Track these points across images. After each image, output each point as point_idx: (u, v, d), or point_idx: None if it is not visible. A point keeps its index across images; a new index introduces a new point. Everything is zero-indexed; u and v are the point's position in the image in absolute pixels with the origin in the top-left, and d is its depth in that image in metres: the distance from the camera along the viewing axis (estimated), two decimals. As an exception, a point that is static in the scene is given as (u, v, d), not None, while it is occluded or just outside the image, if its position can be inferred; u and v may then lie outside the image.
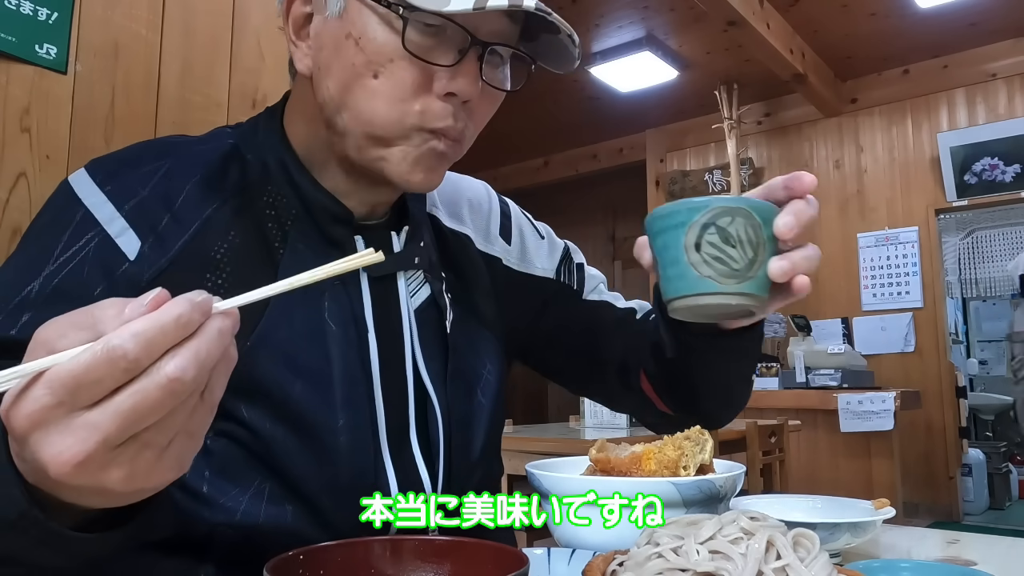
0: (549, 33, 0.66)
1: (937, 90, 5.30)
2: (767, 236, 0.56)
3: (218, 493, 0.61)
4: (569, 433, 2.79)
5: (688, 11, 4.51)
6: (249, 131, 0.73)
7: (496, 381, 0.79)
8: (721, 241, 0.55)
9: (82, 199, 0.63)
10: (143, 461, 0.37)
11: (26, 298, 0.58)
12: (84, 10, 1.07)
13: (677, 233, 0.56)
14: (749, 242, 0.55)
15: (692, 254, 0.55)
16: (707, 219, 0.55)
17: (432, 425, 0.71)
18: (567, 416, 3.32)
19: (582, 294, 0.90)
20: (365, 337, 0.68)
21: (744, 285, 0.55)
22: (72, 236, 0.62)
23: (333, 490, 0.63)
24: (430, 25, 0.61)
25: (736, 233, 0.55)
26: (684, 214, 0.55)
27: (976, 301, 7.37)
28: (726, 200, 0.55)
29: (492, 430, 0.77)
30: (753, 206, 0.55)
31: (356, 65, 0.62)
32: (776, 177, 0.61)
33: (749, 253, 0.55)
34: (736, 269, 0.55)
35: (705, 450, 0.68)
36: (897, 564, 0.63)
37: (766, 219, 0.56)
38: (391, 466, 0.67)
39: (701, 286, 0.55)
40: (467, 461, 0.73)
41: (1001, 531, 4.51)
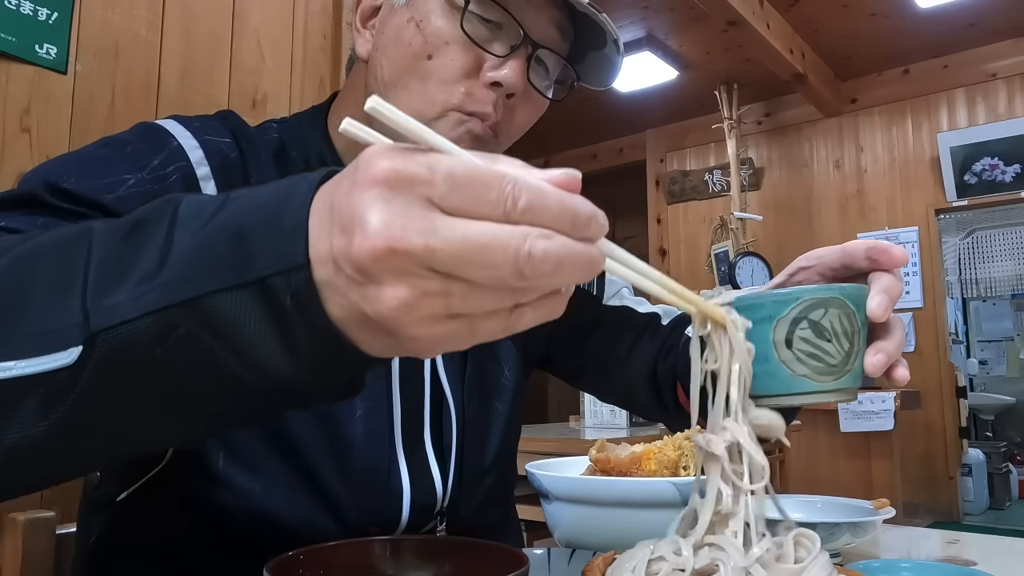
0: (594, 50, 0.71)
1: (937, 90, 5.29)
2: (861, 322, 0.52)
3: (233, 477, 0.62)
4: (569, 433, 2.79)
5: (688, 11, 4.51)
6: (295, 127, 0.75)
7: (513, 388, 0.79)
8: (815, 336, 0.51)
9: (174, 135, 0.65)
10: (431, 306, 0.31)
11: (121, 184, 0.58)
12: (84, 10, 1.07)
13: (763, 328, 0.51)
14: (845, 333, 0.51)
15: (783, 351, 0.51)
16: (797, 313, 0.50)
17: (447, 427, 0.71)
18: (567, 416, 3.32)
19: (602, 299, 0.90)
20: None
21: (842, 380, 0.52)
22: (165, 158, 0.63)
23: (346, 479, 0.64)
24: (487, 20, 0.65)
25: (831, 326, 0.51)
26: (770, 307, 0.51)
27: (976, 301, 7.37)
28: (817, 291, 0.51)
29: (507, 437, 0.77)
30: (846, 294, 0.52)
31: (413, 46, 0.66)
32: (856, 242, 0.58)
33: (845, 345, 0.52)
34: (833, 365, 0.51)
35: (705, 450, 0.68)
36: (897, 564, 0.63)
37: (859, 304, 0.52)
38: (404, 463, 0.67)
39: (797, 386, 0.52)
40: (479, 466, 0.73)
41: (1001, 531, 4.51)
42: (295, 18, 1.39)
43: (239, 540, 0.63)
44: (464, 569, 0.52)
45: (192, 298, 0.34)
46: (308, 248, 0.33)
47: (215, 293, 0.34)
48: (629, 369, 0.87)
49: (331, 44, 1.45)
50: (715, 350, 0.45)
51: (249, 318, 0.34)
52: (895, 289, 0.55)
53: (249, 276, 0.33)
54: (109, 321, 0.35)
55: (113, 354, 0.35)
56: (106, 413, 0.37)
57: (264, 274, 0.33)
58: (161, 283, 0.35)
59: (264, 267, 0.33)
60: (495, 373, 0.77)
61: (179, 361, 0.35)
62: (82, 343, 0.35)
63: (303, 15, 1.40)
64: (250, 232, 0.34)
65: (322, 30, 1.44)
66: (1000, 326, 7.27)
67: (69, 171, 0.57)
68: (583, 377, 0.92)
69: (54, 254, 0.38)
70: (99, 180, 0.57)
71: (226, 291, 0.34)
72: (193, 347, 0.34)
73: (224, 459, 0.62)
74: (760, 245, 5.48)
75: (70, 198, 0.54)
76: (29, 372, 0.35)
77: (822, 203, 5.69)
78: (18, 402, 0.36)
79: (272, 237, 0.34)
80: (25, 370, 0.35)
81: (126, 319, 0.35)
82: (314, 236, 0.33)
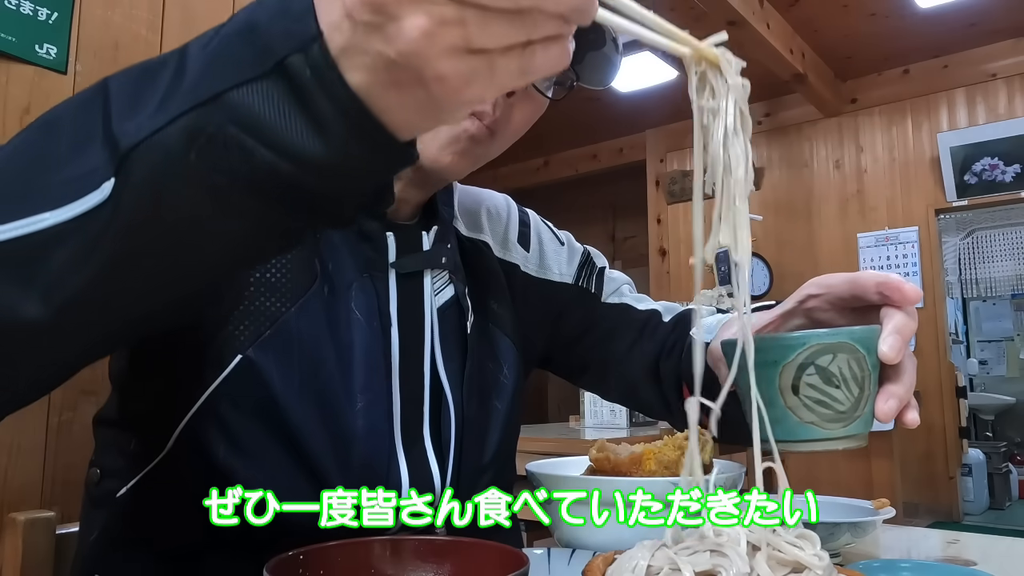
0: (593, 50, 0.69)
1: (937, 90, 5.29)
2: (872, 365, 0.50)
3: (235, 465, 0.62)
4: (569, 433, 2.79)
5: (688, 11, 4.51)
6: None
7: (512, 387, 0.79)
8: (823, 382, 0.49)
9: None
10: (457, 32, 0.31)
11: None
12: (84, 10, 1.07)
13: (770, 373, 0.49)
14: (854, 379, 0.49)
15: (790, 397, 0.49)
16: (804, 359, 0.49)
17: (445, 424, 0.71)
18: (567, 416, 3.32)
19: (601, 297, 0.90)
20: (388, 330, 0.69)
21: (852, 427, 0.50)
22: None
23: (346, 472, 0.64)
24: None
25: (839, 371, 0.49)
26: (777, 351, 0.49)
27: (976, 301, 7.37)
28: (825, 335, 0.49)
29: (506, 435, 0.77)
30: (856, 338, 0.49)
31: None
32: (867, 274, 0.56)
33: (855, 391, 0.49)
34: (842, 412, 0.49)
35: (705, 450, 0.68)
36: (897, 564, 0.63)
37: (870, 348, 0.50)
38: (403, 458, 0.68)
39: (803, 432, 0.50)
40: (477, 463, 0.73)
41: (1001, 531, 4.51)
42: (295, 18, 1.40)
43: (238, 533, 0.63)
44: (464, 569, 0.52)
45: (216, 94, 0.34)
46: (318, 22, 0.33)
47: (237, 87, 0.34)
48: (630, 367, 0.87)
49: (331, 44, 1.46)
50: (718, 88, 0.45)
51: (275, 104, 0.34)
52: (908, 329, 0.52)
53: (267, 63, 0.34)
54: (138, 136, 0.35)
55: (147, 173, 0.35)
56: (146, 245, 0.37)
57: (280, 57, 0.33)
58: (182, 91, 0.35)
59: (279, 51, 0.33)
60: (494, 372, 0.78)
61: (213, 162, 0.35)
62: (113, 175, 0.35)
63: (303, 15, 1.41)
64: (259, 25, 0.34)
65: (322, 30, 1.44)
66: (1000, 326, 7.27)
67: None
68: (584, 376, 0.92)
69: (73, 113, 0.39)
70: None
71: (247, 83, 0.34)
72: (225, 145, 0.34)
73: (225, 450, 0.62)
74: (760, 245, 5.48)
75: None
76: (63, 219, 0.36)
77: (822, 203, 5.69)
78: (54, 252, 0.36)
79: (280, 22, 0.34)
80: (59, 218, 0.36)
81: (155, 129, 0.35)
82: (322, 9, 0.33)
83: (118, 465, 0.68)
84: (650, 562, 0.43)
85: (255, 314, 0.63)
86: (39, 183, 0.37)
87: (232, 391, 0.63)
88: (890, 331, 0.51)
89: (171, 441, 0.64)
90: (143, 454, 0.65)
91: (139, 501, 0.66)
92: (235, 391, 0.63)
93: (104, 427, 0.73)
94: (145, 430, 0.66)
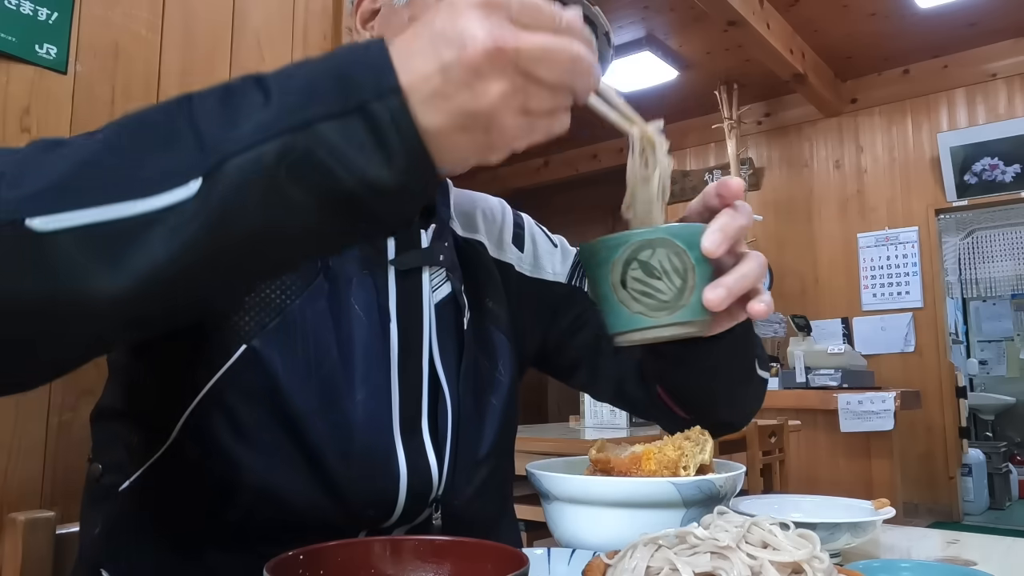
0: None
1: (937, 90, 5.30)
2: (695, 259, 0.55)
3: (237, 452, 0.63)
4: (569, 433, 2.79)
5: (688, 11, 4.51)
6: None
7: (508, 384, 0.80)
8: (645, 275, 0.54)
9: None
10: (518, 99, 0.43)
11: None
12: (84, 10, 1.07)
13: (602, 272, 0.55)
14: (675, 271, 0.54)
15: (620, 292, 0.55)
16: (627, 255, 0.54)
17: (443, 417, 0.72)
18: (567, 416, 3.32)
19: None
20: (387, 326, 0.71)
21: (677, 315, 0.55)
22: None
23: (346, 462, 0.65)
24: None
25: (659, 264, 0.54)
26: (604, 252, 0.55)
27: (976, 301, 7.37)
28: (643, 233, 0.54)
29: (502, 431, 0.78)
30: (673, 232, 0.54)
31: None
32: (709, 184, 0.62)
33: (677, 282, 0.54)
34: (665, 301, 0.54)
35: (705, 450, 0.68)
36: (897, 564, 0.63)
37: (690, 243, 0.55)
38: (401, 449, 0.68)
39: (634, 322, 0.55)
40: (473, 457, 0.74)
41: (1001, 531, 4.51)
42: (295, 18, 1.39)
43: (240, 521, 0.64)
44: (464, 569, 0.52)
45: (308, 122, 0.42)
46: (397, 75, 0.42)
47: (326, 119, 0.42)
48: (619, 363, 0.88)
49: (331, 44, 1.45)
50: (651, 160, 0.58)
51: (355, 138, 0.42)
52: (731, 225, 0.57)
53: (352, 103, 0.42)
54: (236, 147, 0.41)
55: (237, 180, 0.41)
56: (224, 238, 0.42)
57: (364, 100, 0.42)
58: (276, 116, 0.42)
59: (365, 95, 0.42)
60: (489, 369, 0.79)
61: (297, 178, 0.42)
62: (202, 175, 0.41)
63: (303, 15, 1.41)
64: (347, 72, 0.43)
65: (322, 30, 1.44)
66: (1000, 326, 7.27)
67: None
68: (575, 375, 0.93)
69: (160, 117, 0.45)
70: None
71: (336, 117, 0.42)
72: (310, 165, 0.42)
73: (228, 438, 0.63)
74: (760, 245, 5.48)
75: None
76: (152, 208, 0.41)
77: (822, 203, 5.69)
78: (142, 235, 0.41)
79: (367, 72, 0.43)
80: (149, 206, 0.41)
81: (253, 144, 0.41)
82: (413, 59, 0.42)
83: (121, 459, 0.68)
84: (649, 563, 0.43)
85: (261, 304, 0.65)
86: (131, 174, 0.42)
87: (237, 380, 0.64)
88: (713, 228, 0.57)
89: (175, 430, 0.64)
90: (146, 445, 0.66)
91: (143, 494, 0.66)
92: (240, 380, 0.64)
93: (104, 420, 0.73)
94: (148, 420, 0.67)
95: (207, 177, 0.41)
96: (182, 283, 0.43)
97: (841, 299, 5.52)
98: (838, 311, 5.49)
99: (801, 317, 5.02)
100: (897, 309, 5.30)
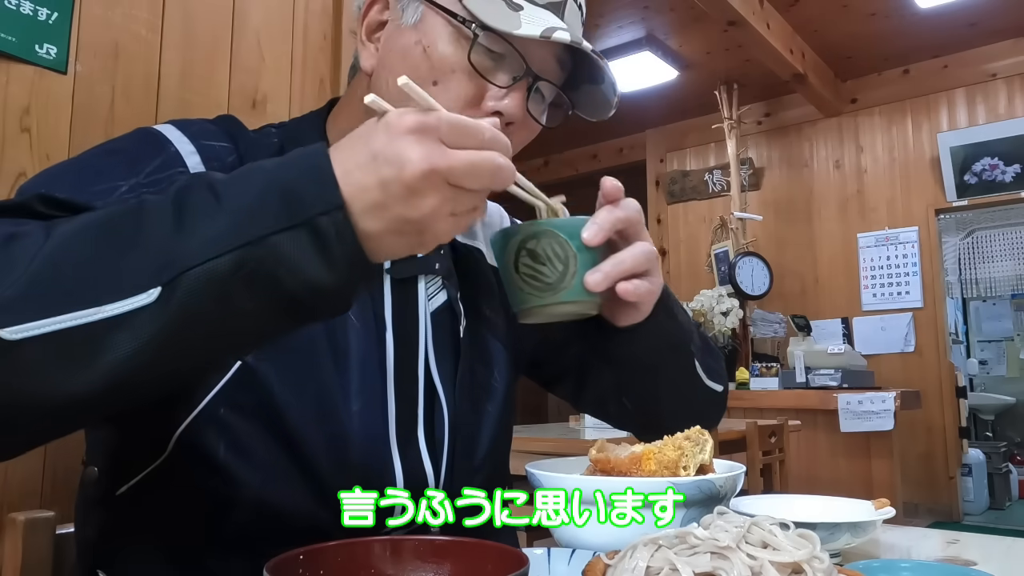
0: (591, 84, 0.74)
1: (937, 90, 5.30)
2: (577, 247, 0.62)
3: (233, 467, 0.63)
4: (569, 433, 2.78)
5: (688, 11, 4.51)
6: (294, 131, 0.76)
7: (504, 391, 0.80)
8: (533, 261, 0.62)
9: (172, 141, 0.67)
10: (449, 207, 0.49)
11: (114, 190, 0.61)
12: (84, 10, 1.07)
13: (505, 258, 0.64)
14: (558, 258, 0.62)
15: (515, 276, 0.64)
16: (518, 243, 0.63)
17: (439, 426, 0.72)
18: (567, 416, 3.32)
19: None
20: (383, 335, 0.71)
21: (561, 295, 0.63)
22: (162, 164, 0.65)
23: (342, 473, 0.65)
24: (493, 51, 0.68)
25: (544, 252, 0.62)
26: (502, 240, 0.64)
27: (976, 301, 7.36)
28: (529, 225, 0.63)
29: (498, 438, 0.78)
30: (555, 225, 0.63)
31: (419, 70, 0.68)
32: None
33: (559, 267, 0.62)
34: (549, 283, 0.62)
35: (705, 450, 0.68)
36: (897, 564, 0.63)
37: (571, 233, 0.62)
38: (398, 459, 0.68)
39: (526, 301, 0.64)
40: (469, 464, 0.74)
41: (1001, 531, 4.51)
42: (295, 18, 1.39)
43: (237, 532, 0.63)
44: (464, 569, 0.52)
45: (261, 236, 0.46)
46: (340, 191, 0.47)
47: (276, 233, 0.46)
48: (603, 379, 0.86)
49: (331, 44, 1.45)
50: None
51: (302, 248, 0.46)
52: (607, 219, 0.64)
53: (301, 218, 0.46)
54: (193, 261, 0.45)
55: (194, 289, 0.45)
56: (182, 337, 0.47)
57: (312, 215, 0.47)
58: (230, 230, 0.46)
59: (312, 211, 0.47)
60: (485, 375, 0.79)
61: (249, 285, 0.46)
62: (161, 284, 0.45)
63: (303, 15, 1.40)
64: (295, 187, 0.47)
65: (322, 30, 1.44)
66: (1000, 326, 7.26)
67: (62, 180, 0.60)
68: (561, 383, 0.93)
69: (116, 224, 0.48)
70: (92, 187, 0.60)
71: (285, 230, 0.46)
72: (261, 274, 0.46)
73: (225, 451, 0.63)
74: (760, 245, 5.48)
75: (62, 207, 0.56)
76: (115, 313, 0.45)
77: (822, 203, 5.69)
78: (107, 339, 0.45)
79: (313, 187, 0.47)
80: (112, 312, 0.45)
81: (209, 257, 0.45)
82: (354, 174, 0.48)
83: (116, 466, 0.68)
84: (649, 563, 0.43)
85: None
86: (95, 282, 0.45)
87: (232, 395, 0.63)
88: (591, 221, 0.64)
89: (171, 443, 0.64)
90: (142, 455, 0.65)
91: (140, 500, 0.66)
92: (235, 395, 0.63)
93: (99, 429, 0.73)
94: (144, 433, 0.66)
95: (166, 286, 0.45)
96: (144, 378, 0.47)
97: (841, 299, 5.52)
98: (838, 311, 5.49)
99: (801, 317, 5.02)
100: (897, 309, 5.30)
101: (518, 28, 0.65)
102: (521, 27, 0.65)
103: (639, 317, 0.71)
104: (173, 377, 0.50)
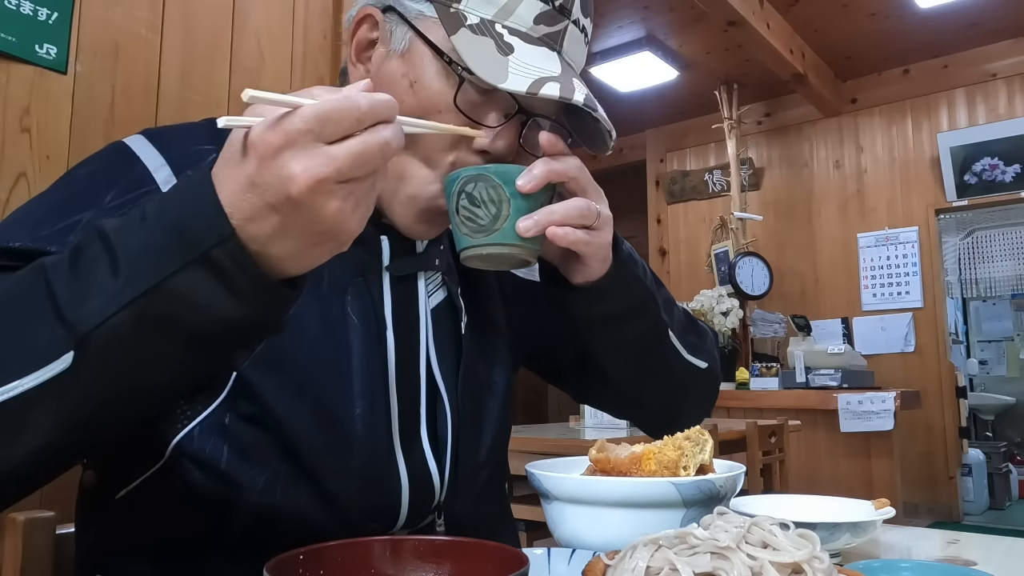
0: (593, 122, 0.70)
1: (937, 90, 5.30)
2: (511, 193, 0.64)
3: (237, 473, 0.63)
4: (569, 433, 2.78)
5: (688, 11, 4.51)
6: None
7: (505, 386, 0.80)
8: (470, 204, 0.64)
9: (140, 157, 0.66)
10: (351, 202, 0.46)
11: (75, 225, 0.60)
12: (84, 10, 1.07)
13: (451, 201, 0.66)
14: (492, 201, 0.64)
15: (455, 217, 0.65)
16: (460, 187, 0.64)
17: (441, 424, 0.72)
18: (567, 416, 3.32)
19: None
20: (384, 333, 0.70)
21: (493, 237, 0.64)
22: (128, 186, 0.63)
23: (346, 477, 0.65)
24: (482, 88, 0.65)
25: (479, 195, 0.64)
26: (449, 185, 0.66)
27: (976, 301, 7.36)
28: (469, 169, 0.64)
29: (499, 433, 0.78)
30: (491, 170, 0.64)
31: (405, 104, 0.65)
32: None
33: (492, 210, 0.64)
34: (483, 225, 0.64)
35: (705, 450, 0.68)
36: (897, 564, 0.63)
37: (505, 179, 0.64)
38: (402, 459, 0.68)
39: (464, 242, 0.66)
40: (474, 461, 0.74)
41: (1001, 531, 4.51)
42: (295, 18, 1.39)
43: (239, 537, 0.63)
44: (464, 569, 0.52)
45: (157, 283, 0.45)
46: (230, 220, 0.45)
47: (172, 275, 0.45)
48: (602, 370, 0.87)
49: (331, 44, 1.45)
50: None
51: (202, 284, 0.45)
52: (543, 169, 0.64)
53: (194, 255, 0.45)
54: (95, 321, 0.45)
55: (103, 346, 0.45)
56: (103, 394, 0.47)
57: (204, 250, 0.45)
58: (126, 282, 0.45)
59: (204, 246, 0.45)
60: (487, 371, 0.79)
61: (155, 332, 0.46)
62: (72, 348, 0.45)
63: (303, 15, 1.41)
64: (184, 225, 0.46)
65: (322, 30, 1.44)
66: (1000, 326, 7.26)
67: (20, 228, 0.59)
68: (563, 376, 0.93)
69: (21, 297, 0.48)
70: (54, 226, 0.59)
71: (180, 271, 0.45)
72: (168, 319, 0.46)
73: (228, 456, 0.63)
74: (760, 245, 5.48)
75: (20, 256, 0.56)
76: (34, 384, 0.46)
77: (822, 203, 5.69)
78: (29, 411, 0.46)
79: (202, 222, 0.45)
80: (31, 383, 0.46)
81: (110, 314, 0.45)
82: (235, 210, 0.45)
83: (115, 469, 0.68)
84: (649, 563, 0.43)
85: None
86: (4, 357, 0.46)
87: (235, 405, 0.63)
88: (527, 170, 0.64)
89: (168, 450, 0.63)
90: (139, 461, 0.65)
91: (139, 503, 0.66)
92: (238, 405, 0.63)
93: None
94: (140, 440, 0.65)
95: (77, 349, 0.45)
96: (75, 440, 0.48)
97: (841, 299, 5.52)
98: (838, 311, 5.49)
99: (801, 317, 5.02)
100: (897, 309, 5.30)
101: (503, 81, 0.61)
102: (507, 79, 0.61)
103: (591, 274, 0.70)
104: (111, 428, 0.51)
